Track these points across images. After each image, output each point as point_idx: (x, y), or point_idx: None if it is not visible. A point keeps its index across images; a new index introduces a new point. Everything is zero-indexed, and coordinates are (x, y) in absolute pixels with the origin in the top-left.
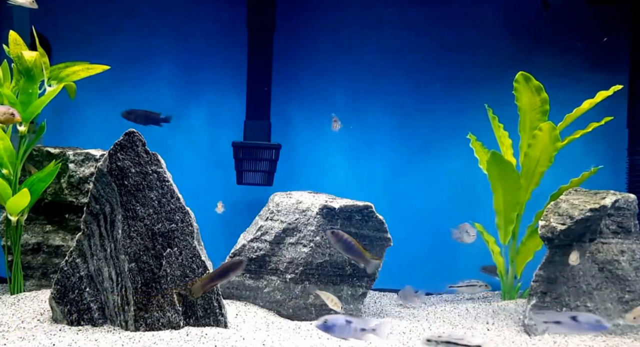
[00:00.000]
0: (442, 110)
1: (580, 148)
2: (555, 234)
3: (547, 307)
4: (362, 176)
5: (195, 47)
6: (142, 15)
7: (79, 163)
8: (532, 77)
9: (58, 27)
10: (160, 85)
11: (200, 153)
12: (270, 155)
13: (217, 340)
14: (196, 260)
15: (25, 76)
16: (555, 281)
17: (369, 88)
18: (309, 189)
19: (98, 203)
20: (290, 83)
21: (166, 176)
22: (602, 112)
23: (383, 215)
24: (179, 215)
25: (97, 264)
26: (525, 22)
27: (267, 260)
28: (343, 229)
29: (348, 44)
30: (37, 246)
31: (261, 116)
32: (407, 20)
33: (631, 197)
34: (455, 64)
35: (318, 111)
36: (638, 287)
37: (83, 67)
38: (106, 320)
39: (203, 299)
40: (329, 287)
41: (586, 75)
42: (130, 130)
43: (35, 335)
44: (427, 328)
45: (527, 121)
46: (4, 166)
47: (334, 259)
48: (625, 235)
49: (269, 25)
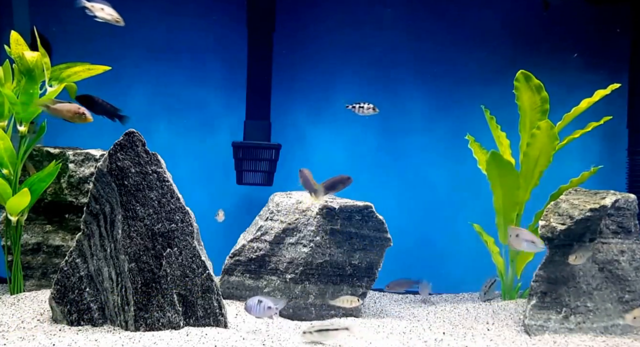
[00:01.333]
0: (442, 110)
1: (580, 148)
2: (555, 234)
3: (547, 307)
4: (362, 175)
5: (195, 47)
6: (141, 15)
7: (79, 163)
8: (532, 76)
9: (58, 27)
10: (160, 85)
11: (200, 153)
12: (270, 156)
13: (217, 340)
14: (196, 260)
15: (27, 76)
16: (555, 281)
17: (369, 88)
18: None
19: (98, 203)
20: (290, 83)
21: (166, 176)
22: (602, 112)
23: (383, 215)
24: (179, 215)
25: (97, 264)
26: (525, 22)
27: (267, 260)
28: (343, 229)
29: (348, 44)
30: (37, 246)
31: (261, 116)
32: (406, 20)
33: (631, 197)
34: (455, 64)
35: (318, 111)
36: (638, 287)
37: (84, 68)
38: (106, 320)
39: (203, 299)
40: (329, 287)
41: (586, 75)
42: (130, 131)
43: (35, 335)
44: (427, 328)
45: (527, 121)
46: (4, 166)
47: (334, 259)
48: (625, 235)
49: (269, 25)
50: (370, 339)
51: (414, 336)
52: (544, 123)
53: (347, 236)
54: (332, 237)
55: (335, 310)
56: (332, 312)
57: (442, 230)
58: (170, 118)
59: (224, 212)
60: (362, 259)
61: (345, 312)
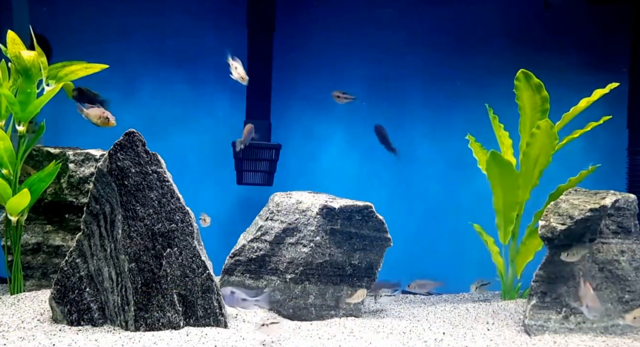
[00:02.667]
0: (441, 111)
1: (580, 148)
2: (555, 234)
3: (547, 307)
4: (362, 175)
5: (195, 47)
6: (141, 14)
7: (79, 163)
8: (532, 75)
9: (58, 27)
10: (160, 85)
11: (200, 153)
12: (270, 156)
13: (217, 340)
14: (196, 260)
15: (24, 76)
16: (555, 281)
17: (369, 88)
18: (309, 189)
19: (98, 203)
20: (290, 83)
21: (166, 176)
22: (602, 112)
23: (383, 215)
24: (179, 215)
25: (97, 264)
26: (525, 22)
27: (267, 260)
28: (343, 229)
29: (348, 44)
30: (37, 246)
31: (261, 116)
32: (406, 20)
33: (631, 197)
34: (454, 65)
35: (318, 111)
36: (638, 287)
37: (81, 67)
38: (106, 320)
39: (203, 299)
40: (329, 287)
41: (586, 75)
42: (130, 131)
43: (35, 335)
44: (427, 328)
45: (527, 120)
46: (4, 166)
47: (334, 259)
48: (625, 235)
49: (269, 25)
50: (370, 339)
51: (413, 336)
52: (544, 123)
53: (347, 236)
54: (332, 237)
55: (335, 310)
56: (332, 313)
57: (443, 229)
58: (170, 118)
59: (210, 219)
60: (362, 259)
61: (345, 312)
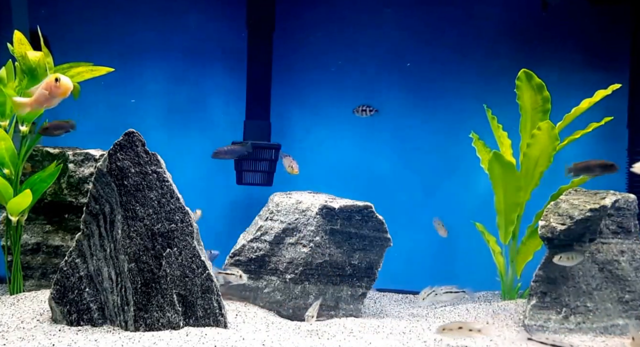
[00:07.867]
0: (442, 111)
1: (580, 148)
2: (555, 234)
3: (547, 307)
4: (362, 175)
5: (195, 47)
6: (141, 15)
7: (79, 163)
8: (534, 75)
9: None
10: (160, 85)
11: (200, 153)
12: (270, 156)
13: (217, 340)
14: (196, 260)
15: (29, 76)
16: (555, 281)
17: (369, 88)
18: (309, 189)
19: (98, 203)
20: (291, 83)
21: (166, 176)
22: (602, 112)
23: (383, 216)
24: (178, 215)
25: (97, 264)
26: (525, 22)
27: (267, 260)
28: (343, 229)
29: (348, 44)
30: (37, 246)
31: (261, 116)
32: (406, 20)
33: (631, 197)
34: (454, 64)
35: (318, 111)
36: (638, 287)
37: (87, 69)
38: (106, 320)
39: (203, 299)
40: (329, 288)
41: (586, 75)
42: (130, 131)
43: (35, 335)
44: (426, 328)
45: (528, 121)
46: (6, 166)
47: (333, 259)
48: (625, 235)
49: (268, 25)
50: (370, 339)
51: (413, 336)
52: (545, 123)
53: (347, 236)
54: (331, 237)
55: (335, 310)
56: (332, 313)
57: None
58: (170, 118)
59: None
60: (362, 259)
61: (345, 312)
